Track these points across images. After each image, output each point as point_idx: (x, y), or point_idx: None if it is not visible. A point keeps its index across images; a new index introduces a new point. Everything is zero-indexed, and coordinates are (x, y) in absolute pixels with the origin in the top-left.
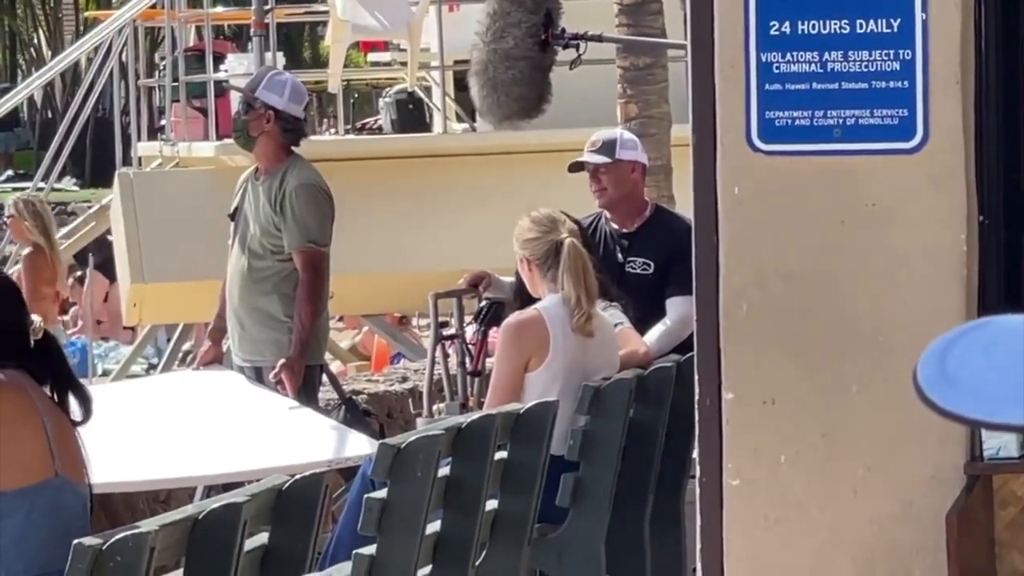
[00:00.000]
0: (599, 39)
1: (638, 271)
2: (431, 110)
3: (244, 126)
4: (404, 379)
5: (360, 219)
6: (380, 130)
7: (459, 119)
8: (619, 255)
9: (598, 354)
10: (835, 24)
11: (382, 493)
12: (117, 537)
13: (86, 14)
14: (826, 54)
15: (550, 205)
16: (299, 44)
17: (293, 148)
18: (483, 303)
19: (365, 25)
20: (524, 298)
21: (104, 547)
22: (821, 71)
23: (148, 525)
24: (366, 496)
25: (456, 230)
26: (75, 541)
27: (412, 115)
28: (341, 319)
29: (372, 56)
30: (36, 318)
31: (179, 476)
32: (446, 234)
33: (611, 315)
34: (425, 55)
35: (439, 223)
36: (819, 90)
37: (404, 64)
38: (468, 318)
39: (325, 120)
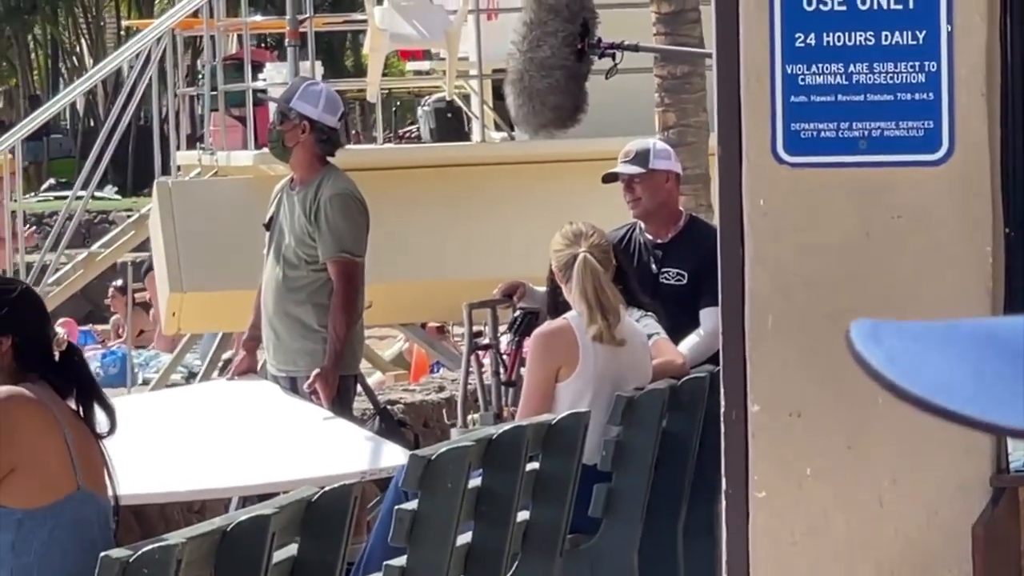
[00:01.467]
0: (635, 49)
1: (672, 282)
2: (469, 119)
3: (279, 136)
4: (441, 389)
5: (398, 228)
6: (419, 139)
7: (497, 128)
8: (653, 265)
9: (630, 363)
10: (860, 36)
11: (413, 504)
12: (144, 550)
13: (126, 23)
14: (851, 66)
15: (587, 214)
16: (341, 53)
17: (328, 158)
18: (517, 313)
19: (403, 34)
20: (557, 308)
21: (131, 560)
22: (846, 83)
23: (175, 537)
24: (396, 507)
25: (494, 239)
26: (102, 554)
27: (451, 124)
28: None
29: (411, 65)
30: (61, 331)
31: (213, 487)
32: (484, 243)
33: (646, 325)
34: (463, 64)
35: (477, 232)
36: (844, 102)
37: (443, 72)
38: (502, 328)
39: (358, 130)
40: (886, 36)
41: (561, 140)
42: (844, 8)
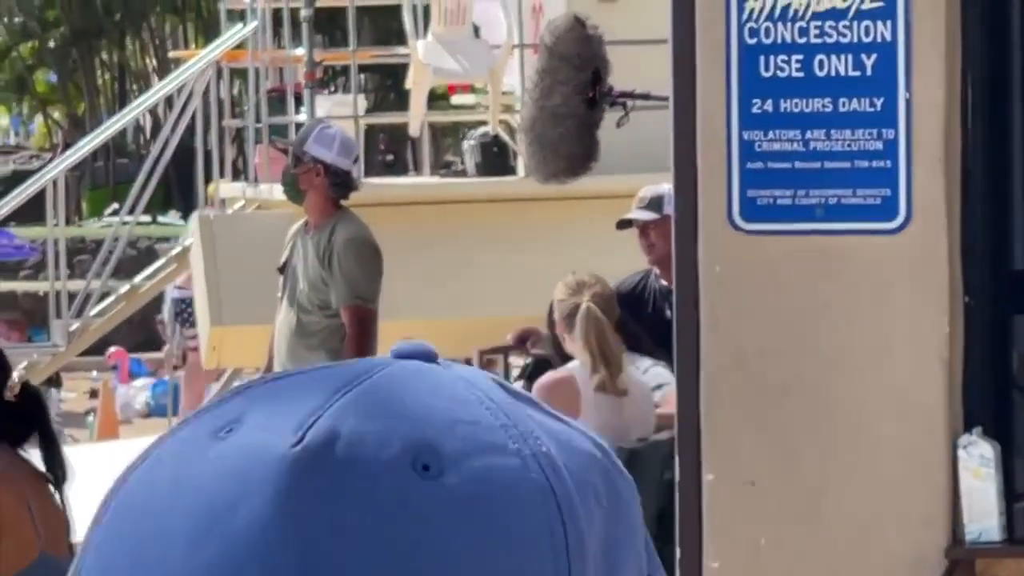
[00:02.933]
0: (646, 97)
1: None
2: (515, 153)
3: (293, 180)
4: None
5: (438, 263)
6: (464, 173)
7: None
8: (668, 312)
9: (632, 413)
10: (818, 103)
11: None
12: None
13: (171, 54)
14: (808, 132)
15: (633, 249)
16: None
17: (342, 202)
18: (529, 360)
19: (446, 68)
20: (564, 355)
21: None
22: (803, 150)
23: None
24: None
25: (540, 273)
26: None
27: (496, 158)
28: None
29: (456, 99)
30: (16, 374)
31: None
32: (529, 277)
33: (656, 375)
34: (507, 98)
35: (522, 266)
36: (801, 169)
37: (486, 107)
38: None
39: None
40: (844, 103)
41: (609, 176)
42: (802, 74)
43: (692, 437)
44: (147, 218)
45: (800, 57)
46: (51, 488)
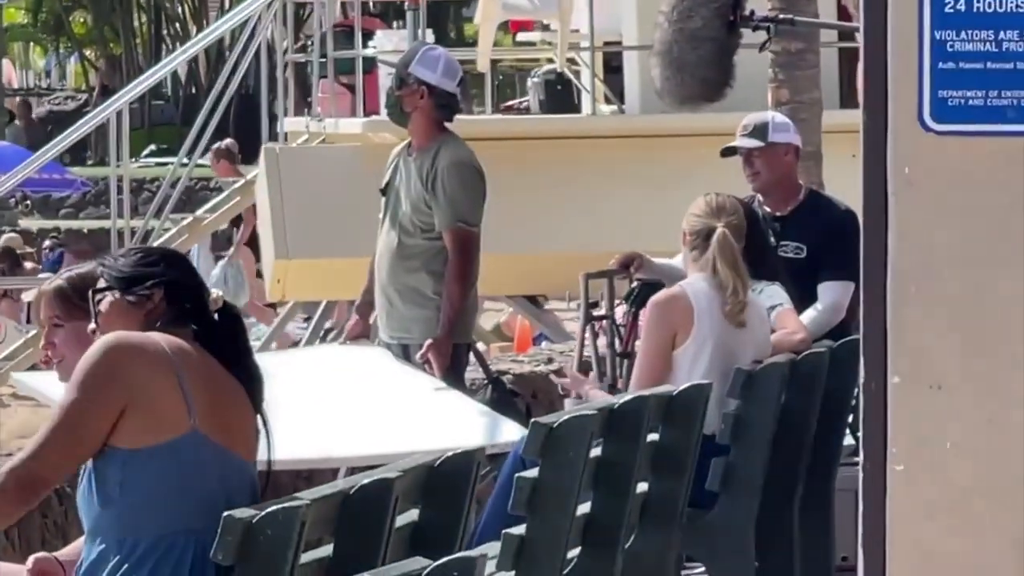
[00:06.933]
0: (790, 22)
1: (790, 255)
2: (579, 91)
3: (397, 102)
4: (550, 360)
5: (506, 199)
6: (527, 111)
7: (607, 101)
8: (772, 239)
9: (748, 339)
10: (1011, 2)
11: (533, 472)
12: (268, 511)
13: None
14: (1001, 33)
15: (695, 188)
16: (445, 24)
17: (446, 124)
18: (634, 284)
19: (516, 4)
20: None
21: (255, 520)
22: (996, 51)
23: (299, 499)
24: (517, 475)
25: (602, 212)
26: (225, 514)
27: (560, 96)
28: None
29: (520, 36)
30: (216, 291)
31: (322, 456)
32: (592, 216)
33: (771, 295)
34: (574, 36)
35: (586, 205)
36: (993, 70)
37: (551, 44)
38: (618, 299)
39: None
40: None
41: (671, 115)
42: None
43: (879, 341)
44: (187, 160)
45: None
46: (243, 393)
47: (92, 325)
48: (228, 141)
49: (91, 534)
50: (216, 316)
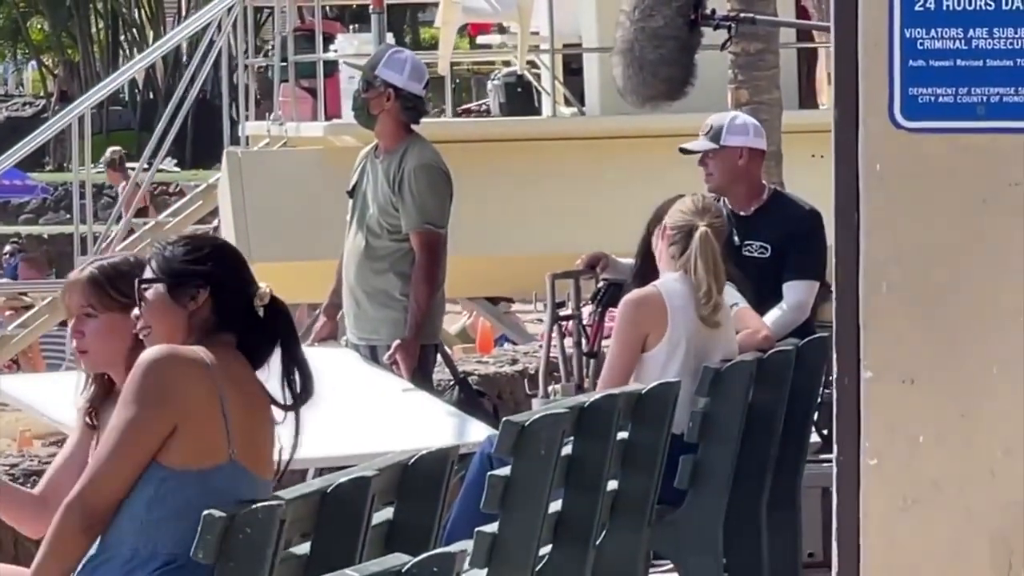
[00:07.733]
0: (752, 21)
1: (755, 254)
2: (540, 94)
3: (364, 104)
4: (514, 361)
5: (468, 202)
6: (486, 113)
7: (568, 103)
8: (735, 238)
9: (721, 339)
10: (980, 1)
11: (505, 470)
12: (247, 509)
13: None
14: (971, 31)
15: (656, 190)
16: (400, 28)
17: (413, 127)
18: (600, 284)
19: (475, 7)
20: (643, 280)
21: (234, 519)
22: (965, 48)
23: (278, 498)
24: (489, 474)
25: (564, 214)
26: (204, 512)
27: (521, 99)
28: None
29: (480, 39)
30: (263, 285)
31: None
32: (554, 217)
33: (727, 294)
34: (534, 38)
35: (547, 206)
36: (963, 67)
37: (511, 47)
38: (584, 299)
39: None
40: (1007, 1)
41: (631, 116)
42: None
43: (851, 335)
44: (147, 165)
45: None
46: (272, 411)
47: (136, 312)
48: (111, 149)
49: (104, 535)
50: (262, 312)
